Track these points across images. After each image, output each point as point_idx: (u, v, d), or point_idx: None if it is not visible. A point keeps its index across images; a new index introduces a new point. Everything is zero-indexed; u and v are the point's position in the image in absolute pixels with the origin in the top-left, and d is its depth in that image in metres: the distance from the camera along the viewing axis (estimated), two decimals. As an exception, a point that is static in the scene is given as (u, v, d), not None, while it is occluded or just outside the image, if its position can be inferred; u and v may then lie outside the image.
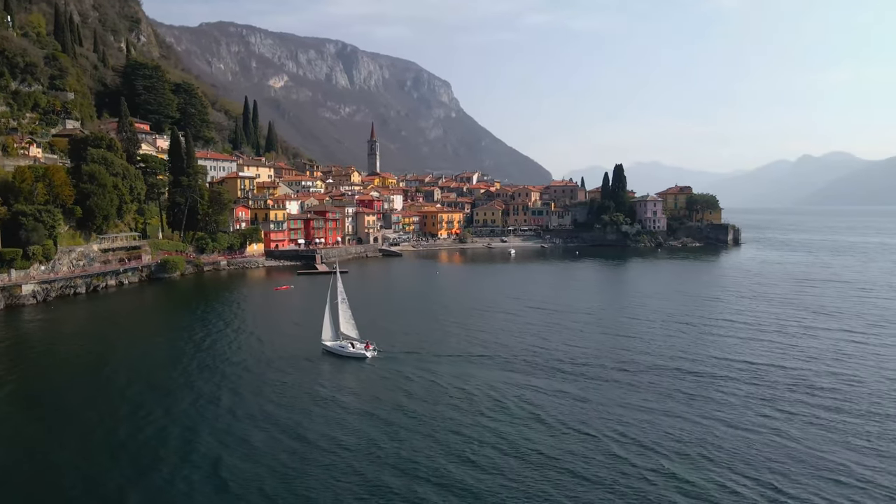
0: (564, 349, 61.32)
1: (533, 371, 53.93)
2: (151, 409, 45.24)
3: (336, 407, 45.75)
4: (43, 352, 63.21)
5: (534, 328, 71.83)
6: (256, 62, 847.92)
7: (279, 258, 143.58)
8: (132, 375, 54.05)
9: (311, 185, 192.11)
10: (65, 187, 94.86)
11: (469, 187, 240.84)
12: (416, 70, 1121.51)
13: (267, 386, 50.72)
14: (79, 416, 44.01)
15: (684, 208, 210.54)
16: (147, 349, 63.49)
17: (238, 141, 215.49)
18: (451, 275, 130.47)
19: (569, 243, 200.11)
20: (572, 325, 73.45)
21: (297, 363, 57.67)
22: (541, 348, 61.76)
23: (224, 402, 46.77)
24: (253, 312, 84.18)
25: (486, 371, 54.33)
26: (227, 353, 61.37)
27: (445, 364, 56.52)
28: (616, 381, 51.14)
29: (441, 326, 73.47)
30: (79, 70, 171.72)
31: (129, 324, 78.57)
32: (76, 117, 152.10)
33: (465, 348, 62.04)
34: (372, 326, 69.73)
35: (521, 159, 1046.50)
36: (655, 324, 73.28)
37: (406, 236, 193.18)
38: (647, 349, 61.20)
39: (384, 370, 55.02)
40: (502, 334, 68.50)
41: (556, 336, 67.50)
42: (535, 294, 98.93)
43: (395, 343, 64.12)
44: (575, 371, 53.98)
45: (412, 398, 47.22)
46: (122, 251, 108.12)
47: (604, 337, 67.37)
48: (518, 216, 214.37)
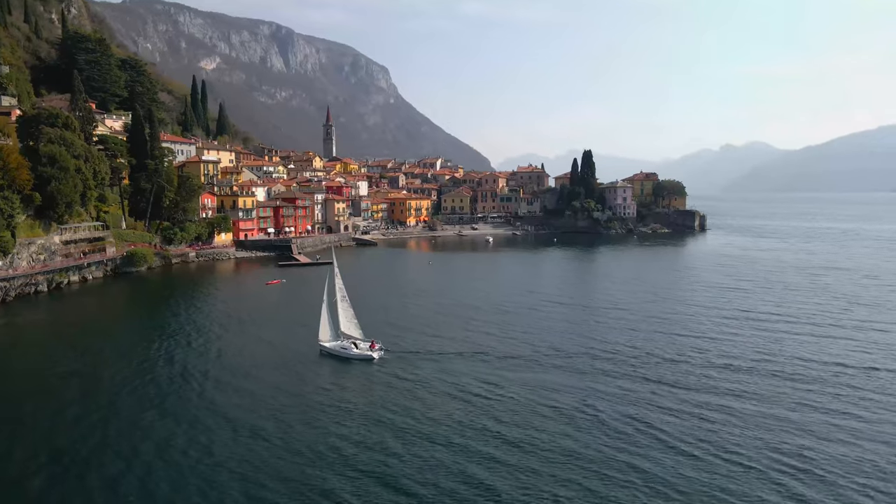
0: (609, 347, 56.56)
1: (585, 372, 49.05)
2: (131, 434, 37.84)
3: (349, 418, 40.24)
4: (6, 365, 53.64)
5: (567, 325, 66.58)
6: (186, 42, 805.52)
7: (251, 249, 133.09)
8: (111, 389, 46.42)
9: (274, 171, 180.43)
10: (21, 171, 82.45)
11: (433, 173, 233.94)
12: (353, 55, 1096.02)
13: (265, 397, 44.27)
14: (49, 435, 36.69)
15: (650, 195, 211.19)
16: (126, 358, 54.03)
17: (188, 123, 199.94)
18: (443, 265, 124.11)
19: (540, 230, 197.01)
20: (606, 320, 68.52)
21: (295, 367, 51.16)
22: (587, 347, 56.69)
23: (217, 422, 39.75)
24: (246, 310, 75.36)
25: (517, 373, 49.10)
26: (219, 360, 53.68)
27: (461, 363, 51.35)
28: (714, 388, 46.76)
29: (448, 322, 67.68)
30: (12, 41, 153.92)
31: (102, 328, 68.23)
32: (12, 93, 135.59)
33: (483, 346, 56.55)
34: (374, 323, 63.95)
35: (460, 146, 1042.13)
36: (705, 317, 69.34)
37: (375, 224, 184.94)
38: (718, 348, 57.05)
39: (395, 372, 49.28)
40: (528, 331, 63.03)
41: (596, 332, 62.60)
42: (545, 286, 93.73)
43: (402, 341, 58.38)
44: (631, 373, 49.27)
45: (437, 406, 42.03)
46: (84, 243, 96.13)
47: (658, 335, 62.87)
48: (486, 203, 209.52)
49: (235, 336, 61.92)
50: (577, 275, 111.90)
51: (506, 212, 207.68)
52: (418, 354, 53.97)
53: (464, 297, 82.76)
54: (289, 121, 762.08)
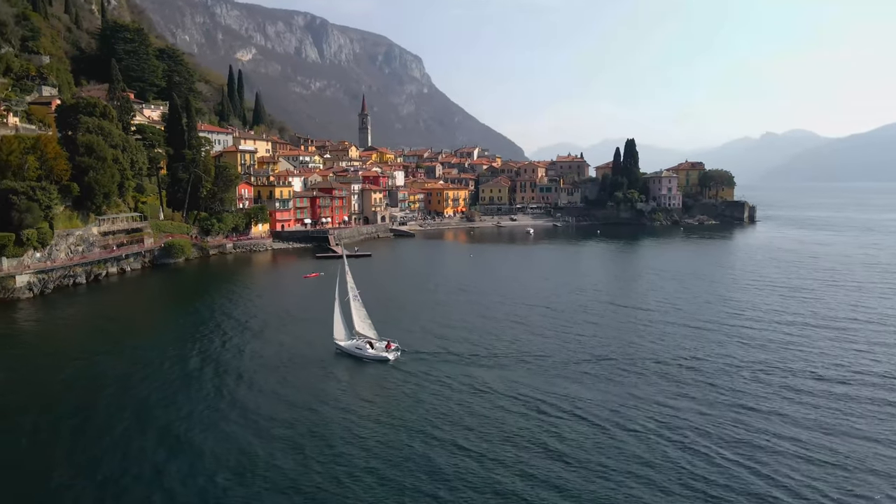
0: (662, 355, 51.44)
1: (633, 383, 44.20)
2: (162, 438, 35.79)
3: (355, 425, 36.98)
4: (47, 356, 51.91)
5: (612, 327, 61.52)
6: (223, 34, 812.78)
7: (287, 240, 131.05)
8: (145, 387, 44.39)
9: (310, 161, 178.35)
10: (59, 161, 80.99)
11: (471, 163, 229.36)
12: (387, 44, 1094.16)
13: (273, 397, 41.97)
14: (76, 430, 33.06)
15: (696, 185, 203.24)
16: (157, 355, 51.65)
17: (225, 113, 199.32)
18: (481, 257, 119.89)
19: (581, 221, 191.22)
20: (657, 323, 63.03)
21: (311, 368, 48.25)
22: (634, 353, 51.78)
23: (229, 421, 37.55)
24: (281, 304, 72.54)
25: (545, 379, 44.73)
26: (245, 358, 51.12)
27: (485, 368, 47.29)
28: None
29: (480, 321, 63.08)
30: (53, 32, 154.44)
31: (136, 322, 66.61)
32: (53, 83, 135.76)
33: (514, 351, 52.13)
34: (401, 320, 62.12)
35: (494, 136, 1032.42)
36: (769, 321, 63.36)
37: (412, 215, 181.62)
38: (792, 361, 51.69)
39: (410, 375, 45.69)
40: (565, 333, 57.83)
41: (647, 336, 57.50)
42: (589, 282, 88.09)
43: (424, 341, 54.60)
44: (695, 389, 44.37)
45: (451, 419, 37.95)
46: (122, 234, 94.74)
47: (718, 342, 57.66)
48: (525, 193, 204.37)
49: (267, 332, 59.24)
50: (622, 269, 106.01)
51: (545, 202, 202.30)
52: (437, 356, 50.19)
53: (501, 293, 78.09)
54: (323, 111, 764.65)
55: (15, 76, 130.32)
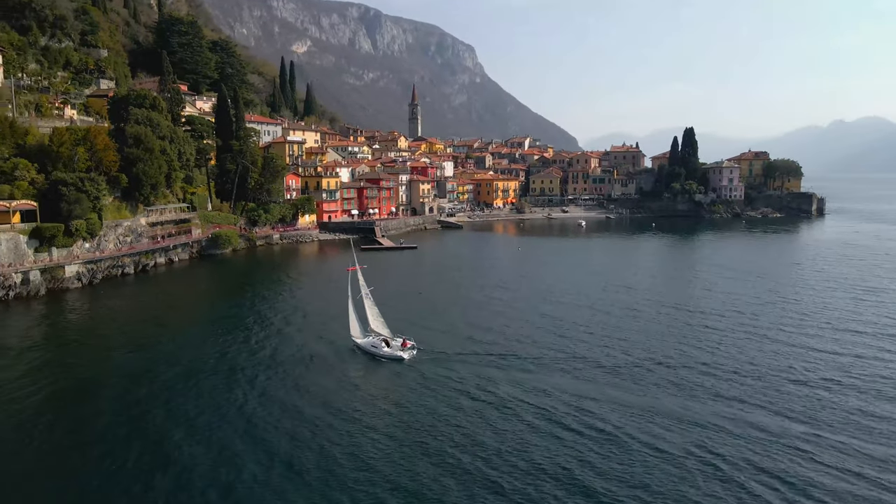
0: (723, 365, 47.17)
1: (692, 396, 40.16)
2: (198, 425, 36.16)
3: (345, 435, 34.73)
4: (91, 347, 52.34)
5: (668, 330, 57.29)
6: (279, 27, 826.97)
7: (334, 231, 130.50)
8: (187, 376, 44.47)
9: (359, 152, 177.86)
10: (108, 152, 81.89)
11: (521, 153, 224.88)
12: (439, 34, 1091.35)
13: (281, 397, 40.68)
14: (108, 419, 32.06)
15: (760, 175, 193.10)
16: (197, 349, 51.26)
17: (276, 104, 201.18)
18: (531, 251, 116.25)
19: (636, 214, 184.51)
20: (718, 327, 58.32)
21: (328, 367, 46.75)
22: (692, 363, 47.62)
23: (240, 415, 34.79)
24: (320, 298, 71.10)
25: (566, 386, 41.32)
26: (268, 354, 50.00)
27: (508, 373, 44.14)
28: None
29: (518, 320, 59.74)
30: (111, 26, 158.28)
31: (183, 311, 67.15)
32: (110, 77, 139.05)
33: (549, 353, 48.72)
34: (436, 317, 60.63)
35: (547, 126, 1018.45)
36: (847, 327, 57.82)
37: (461, 206, 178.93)
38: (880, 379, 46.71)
39: (423, 378, 43.30)
40: (607, 335, 53.83)
41: (706, 343, 53.18)
42: (642, 280, 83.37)
43: (452, 341, 52.00)
44: (758, 403, 40.03)
45: (454, 428, 35.25)
46: (170, 225, 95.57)
47: (788, 351, 52.82)
48: (577, 184, 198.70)
49: (293, 327, 58.21)
50: (677, 266, 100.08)
51: (598, 194, 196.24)
52: (458, 357, 47.58)
53: (543, 290, 74.34)
54: (376, 102, 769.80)
55: (74, 70, 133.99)
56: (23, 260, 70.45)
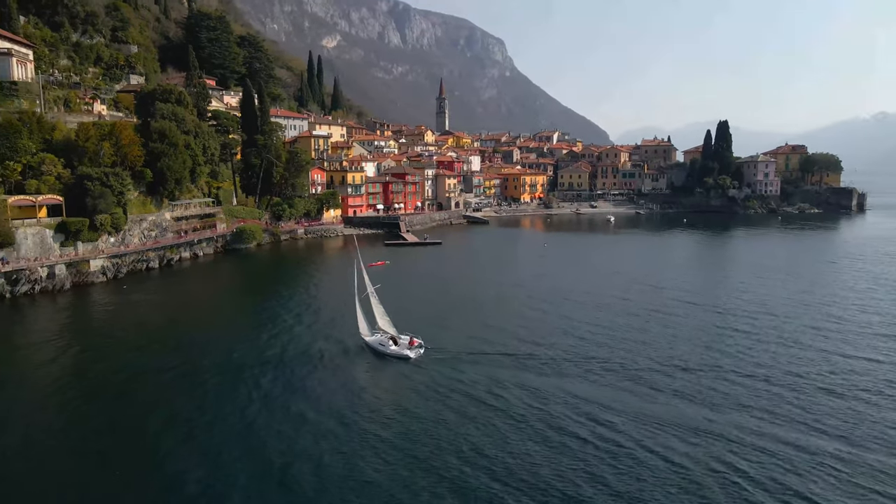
0: (756, 371, 44.80)
1: (718, 407, 37.97)
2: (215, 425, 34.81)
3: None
4: (116, 342, 52.08)
5: (697, 334, 54.88)
6: (309, 22, 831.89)
7: (359, 226, 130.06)
8: (194, 374, 44.03)
9: (385, 146, 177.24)
10: (133, 147, 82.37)
11: (550, 147, 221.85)
12: (469, 28, 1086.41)
13: (283, 398, 39.77)
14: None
15: (797, 170, 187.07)
16: (219, 340, 51.83)
17: (304, 98, 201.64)
18: (558, 247, 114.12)
19: (667, 209, 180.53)
20: (750, 330, 55.71)
21: (335, 365, 45.91)
22: (722, 370, 45.31)
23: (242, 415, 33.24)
24: (339, 296, 70.12)
25: (579, 391, 39.48)
26: (279, 350, 49.42)
27: (516, 373, 42.73)
28: None
29: (536, 320, 57.84)
30: (141, 22, 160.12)
31: (202, 307, 66.94)
32: (140, 72, 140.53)
33: (564, 355, 46.88)
34: (451, 315, 58.98)
35: (577, 119, 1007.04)
36: (889, 333, 55.42)
37: (487, 201, 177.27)
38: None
39: (428, 379, 41.99)
40: (628, 338, 51.42)
41: (737, 348, 50.74)
42: (672, 277, 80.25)
43: (464, 340, 50.42)
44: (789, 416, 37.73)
45: (454, 437, 33.57)
46: (195, 219, 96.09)
47: (826, 357, 50.16)
48: (606, 179, 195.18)
49: (305, 323, 57.42)
50: (710, 264, 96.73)
51: (628, 188, 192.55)
52: (467, 358, 46.05)
53: (570, 288, 72.07)
54: (405, 96, 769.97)
55: (105, 65, 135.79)
56: (49, 254, 71.23)
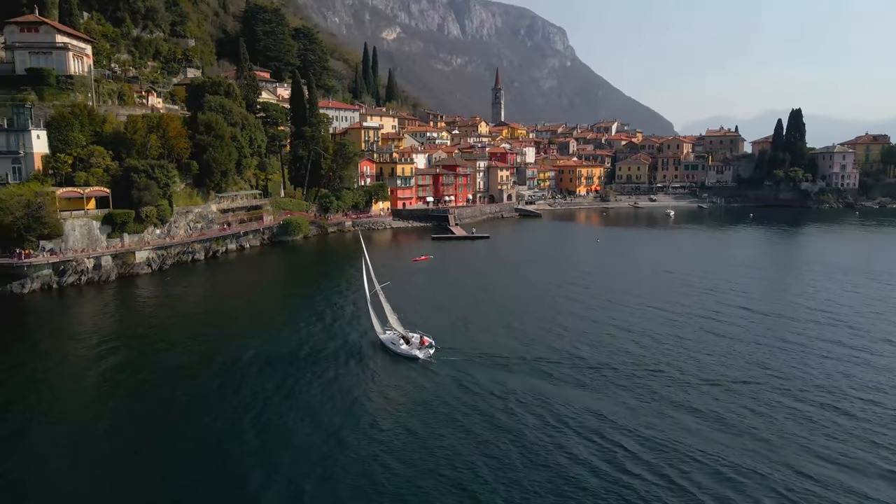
0: (825, 389, 39.73)
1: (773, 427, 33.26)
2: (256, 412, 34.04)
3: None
4: (155, 333, 52.14)
5: (754, 346, 49.67)
6: (370, 14, 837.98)
7: (407, 218, 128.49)
8: (241, 364, 42.80)
9: (437, 137, 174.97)
10: (180, 139, 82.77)
11: (608, 138, 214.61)
12: (530, 17, 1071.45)
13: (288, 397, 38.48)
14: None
15: (878, 161, 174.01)
16: (246, 336, 50.73)
17: (358, 90, 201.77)
18: (612, 243, 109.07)
19: (732, 203, 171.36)
20: (818, 344, 49.92)
21: (347, 364, 44.34)
22: (780, 387, 40.41)
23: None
24: (401, 292, 68.01)
25: (604, 407, 35.60)
26: (295, 346, 48.13)
27: (528, 380, 39.62)
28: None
29: (568, 323, 53.66)
30: (200, 16, 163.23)
31: (246, 299, 65.83)
32: (197, 65, 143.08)
33: (592, 363, 43.08)
34: (476, 315, 56.05)
35: (640, 109, 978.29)
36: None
37: (541, 194, 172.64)
38: None
39: (434, 382, 39.81)
40: (693, 355, 46.33)
41: (803, 364, 45.58)
42: (735, 280, 74.04)
43: (481, 341, 47.80)
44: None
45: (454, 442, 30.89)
46: (242, 211, 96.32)
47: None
48: (667, 171, 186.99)
49: (327, 320, 55.69)
50: (776, 263, 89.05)
51: (690, 181, 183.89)
52: (481, 360, 43.34)
53: (620, 288, 67.70)
54: (464, 87, 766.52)
55: (164, 59, 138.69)
56: (96, 245, 72.21)
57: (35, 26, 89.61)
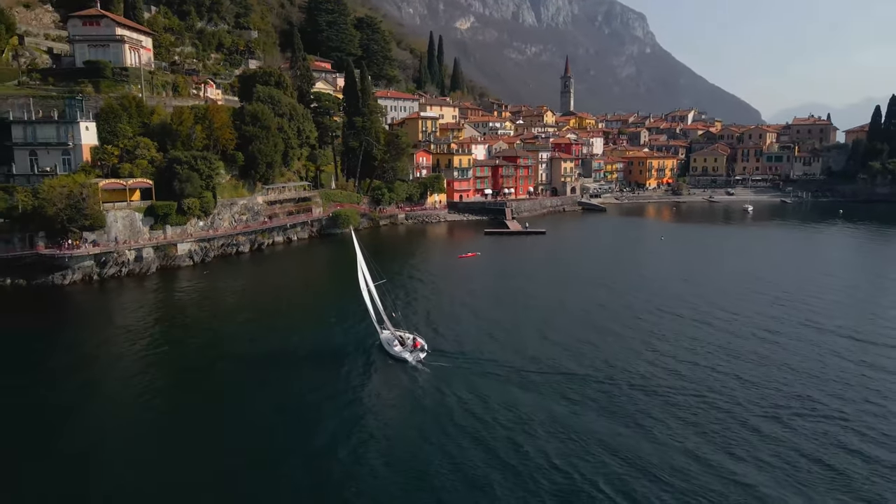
0: None
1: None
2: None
3: None
4: (192, 325, 52.65)
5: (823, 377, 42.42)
6: (444, 4, 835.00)
7: (463, 211, 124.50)
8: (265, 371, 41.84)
9: (500, 127, 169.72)
10: (224, 130, 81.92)
11: (683, 128, 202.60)
12: (608, 3, 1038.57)
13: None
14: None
15: None
16: (257, 333, 50.05)
17: (422, 80, 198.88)
18: (677, 241, 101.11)
19: (819, 198, 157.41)
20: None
21: (346, 364, 42.79)
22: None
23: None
24: (413, 293, 64.46)
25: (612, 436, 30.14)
26: (296, 345, 47.02)
27: (523, 394, 36.06)
28: None
29: (589, 333, 48.41)
30: (264, 8, 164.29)
31: (283, 293, 64.34)
32: (259, 57, 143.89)
33: (603, 379, 38.54)
34: (487, 319, 52.64)
35: (724, 97, 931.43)
36: None
37: (608, 186, 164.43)
38: None
39: (420, 389, 37.64)
40: (741, 379, 39.71)
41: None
42: (807, 287, 64.89)
43: (488, 348, 44.28)
44: None
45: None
46: (290, 203, 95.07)
47: None
48: (748, 163, 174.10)
49: (351, 319, 53.13)
50: (863, 268, 78.51)
51: (773, 174, 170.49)
52: (471, 368, 40.34)
53: (671, 293, 61.21)
54: (537, 76, 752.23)
55: (227, 51, 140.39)
56: (138, 237, 72.28)
57: (96, 20, 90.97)
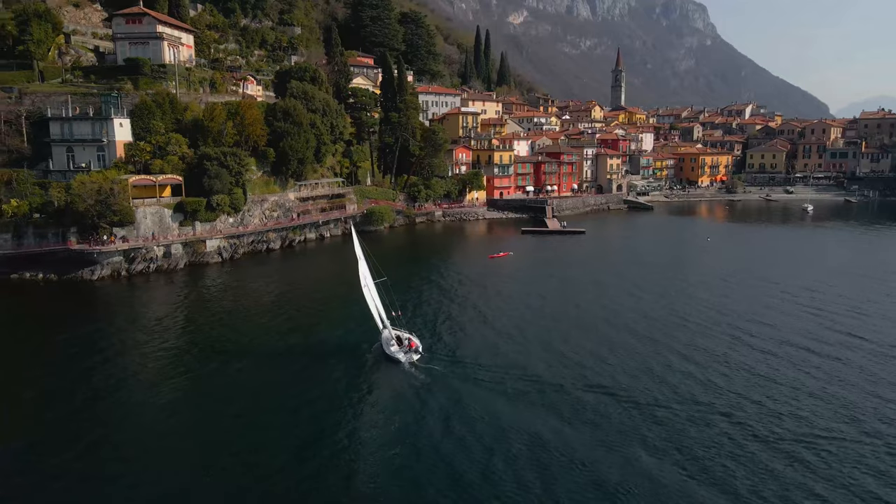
0: None
1: None
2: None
3: None
4: (217, 321, 52.14)
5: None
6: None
7: (503, 209, 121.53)
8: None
9: (545, 123, 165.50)
10: (255, 126, 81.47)
11: (740, 122, 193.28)
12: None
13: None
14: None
15: None
16: (269, 331, 49.15)
17: (468, 75, 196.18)
18: (726, 243, 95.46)
19: (888, 197, 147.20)
20: None
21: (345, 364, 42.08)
22: None
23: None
24: (435, 292, 62.06)
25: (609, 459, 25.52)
26: (317, 345, 45.70)
27: (519, 404, 34.16)
28: None
29: (602, 344, 44.94)
30: (308, 4, 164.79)
31: (309, 291, 62.97)
32: (302, 53, 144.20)
33: (613, 398, 35.40)
34: (497, 323, 50.31)
35: (789, 90, 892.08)
36: None
37: (657, 184, 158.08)
38: None
39: (408, 390, 36.78)
40: (771, 400, 35.47)
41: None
42: (858, 298, 58.25)
43: (486, 353, 42.65)
44: None
45: None
46: (322, 200, 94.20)
47: None
48: (809, 159, 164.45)
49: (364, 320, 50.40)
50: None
51: (836, 171, 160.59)
52: (463, 372, 38.92)
53: (709, 302, 56.54)
54: (591, 71, 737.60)
55: (270, 48, 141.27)
56: (167, 233, 72.48)
57: (139, 17, 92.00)
